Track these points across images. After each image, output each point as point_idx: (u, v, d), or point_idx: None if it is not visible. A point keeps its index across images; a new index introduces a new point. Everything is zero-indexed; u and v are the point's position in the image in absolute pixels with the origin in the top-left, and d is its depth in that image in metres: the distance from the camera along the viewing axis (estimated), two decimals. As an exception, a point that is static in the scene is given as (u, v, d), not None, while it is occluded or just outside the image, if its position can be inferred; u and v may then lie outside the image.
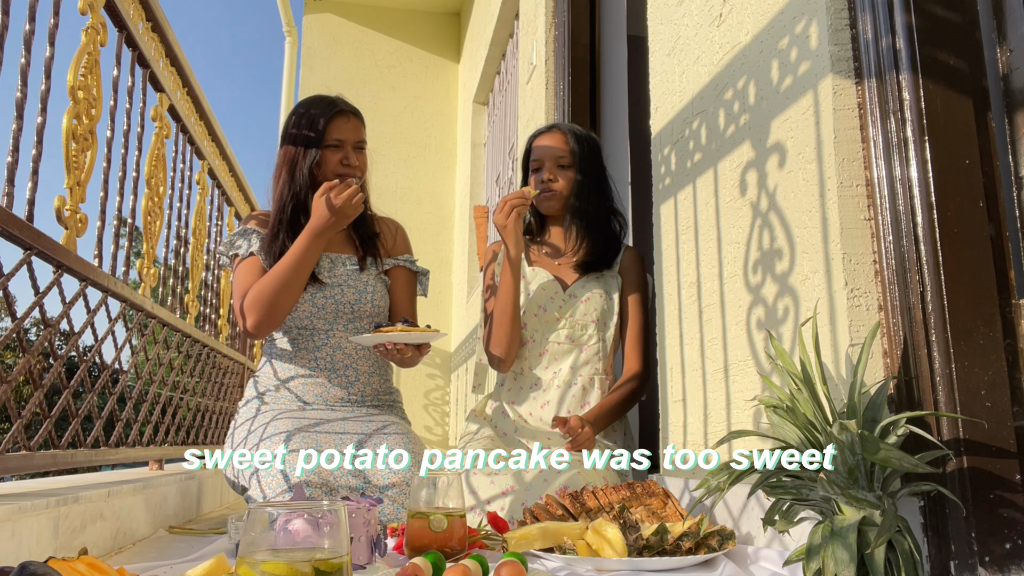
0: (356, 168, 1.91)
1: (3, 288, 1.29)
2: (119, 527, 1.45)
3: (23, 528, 1.04)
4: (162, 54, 2.15)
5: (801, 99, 1.22)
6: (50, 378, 1.48)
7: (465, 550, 1.23)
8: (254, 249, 1.87)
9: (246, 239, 1.89)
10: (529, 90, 3.44)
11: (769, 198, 1.30)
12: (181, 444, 2.38)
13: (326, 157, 1.89)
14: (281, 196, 1.88)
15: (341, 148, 1.89)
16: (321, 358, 1.86)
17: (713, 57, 1.53)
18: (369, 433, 1.73)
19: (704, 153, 1.55)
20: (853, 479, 0.89)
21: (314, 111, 1.90)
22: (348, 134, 1.90)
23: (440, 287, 5.85)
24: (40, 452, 1.42)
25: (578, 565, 1.18)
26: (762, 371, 1.28)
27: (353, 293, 1.88)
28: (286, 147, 1.90)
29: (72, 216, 1.55)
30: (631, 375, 1.93)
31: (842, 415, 0.93)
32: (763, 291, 1.30)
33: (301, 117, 1.90)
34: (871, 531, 0.86)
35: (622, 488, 1.45)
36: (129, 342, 1.92)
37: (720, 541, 1.23)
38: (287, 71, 6.34)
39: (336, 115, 1.89)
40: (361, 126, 1.95)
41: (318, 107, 1.90)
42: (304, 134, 1.89)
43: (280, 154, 1.92)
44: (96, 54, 1.63)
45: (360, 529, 1.15)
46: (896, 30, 1.07)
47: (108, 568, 0.78)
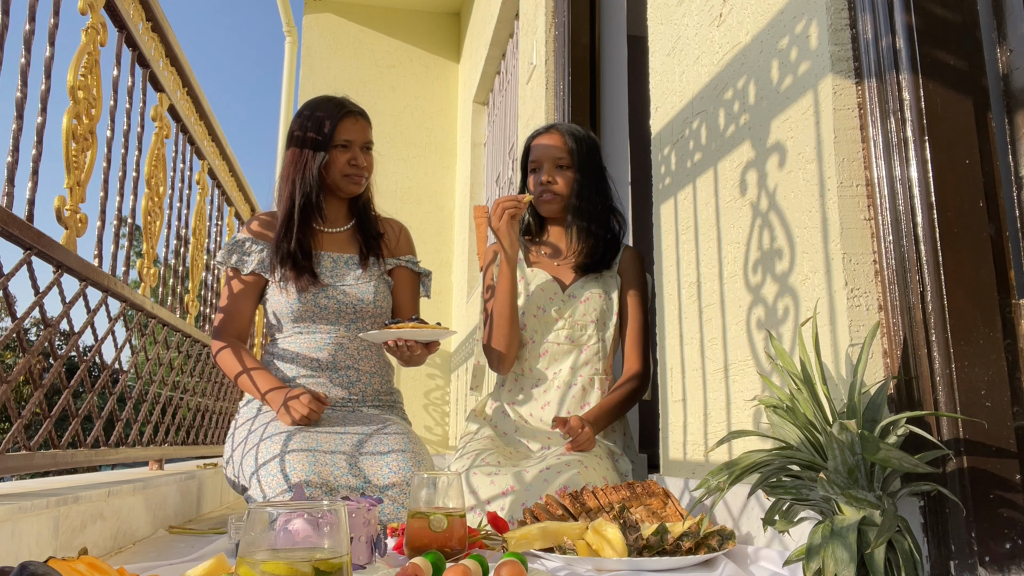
0: (364, 169, 1.92)
1: (3, 288, 1.29)
2: (119, 527, 1.44)
3: (23, 528, 1.04)
4: (162, 54, 2.15)
5: (801, 99, 1.21)
6: (50, 378, 1.48)
7: (465, 550, 1.23)
8: (255, 268, 1.89)
9: (249, 255, 1.90)
10: (529, 90, 3.44)
11: (769, 198, 1.30)
12: (181, 444, 2.38)
13: (334, 158, 1.89)
14: (290, 197, 1.89)
15: (349, 149, 1.90)
16: (323, 358, 1.86)
17: (713, 57, 1.53)
18: (369, 433, 1.73)
19: (704, 153, 1.55)
20: (853, 479, 0.89)
21: (320, 113, 1.90)
22: (356, 135, 1.91)
23: (440, 287, 5.85)
24: (40, 452, 1.42)
25: (578, 565, 1.18)
26: (762, 371, 1.28)
27: (355, 293, 1.88)
28: (293, 149, 1.91)
29: (72, 216, 1.55)
30: (631, 375, 1.93)
31: (842, 415, 0.93)
32: (763, 291, 1.30)
33: (308, 119, 1.90)
34: (871, 531, 0.86)
35: (622, 488, 1.45)
36: (129, 342, 1.92)
37: (720, 541, 1.23)
38: (287, 71, 6.34)
39: (344, 116, 1.90)
40: (368, 127, 1.96)
41: (325, 108, 1.91)
42: (312, 136, 1.89)
43: (287, 156, 1.92)
44: (96, 54, 1.63)
45: (360, 529, 1.15)
46: (896, 30, 1.07)
47: (108, 568, 0.78)
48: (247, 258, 1.90)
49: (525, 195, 1.92)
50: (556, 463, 1.65)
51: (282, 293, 1.86)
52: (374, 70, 6.12)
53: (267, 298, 1.90)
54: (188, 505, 2.12)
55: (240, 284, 1.90)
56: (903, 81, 1.06)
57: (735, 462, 0.91)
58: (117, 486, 1.44)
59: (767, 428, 1.22)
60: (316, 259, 1.89)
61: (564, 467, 1.63)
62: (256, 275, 1.90)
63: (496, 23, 4.39)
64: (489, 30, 4.64)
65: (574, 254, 2.01)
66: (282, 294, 1.86)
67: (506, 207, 1.87)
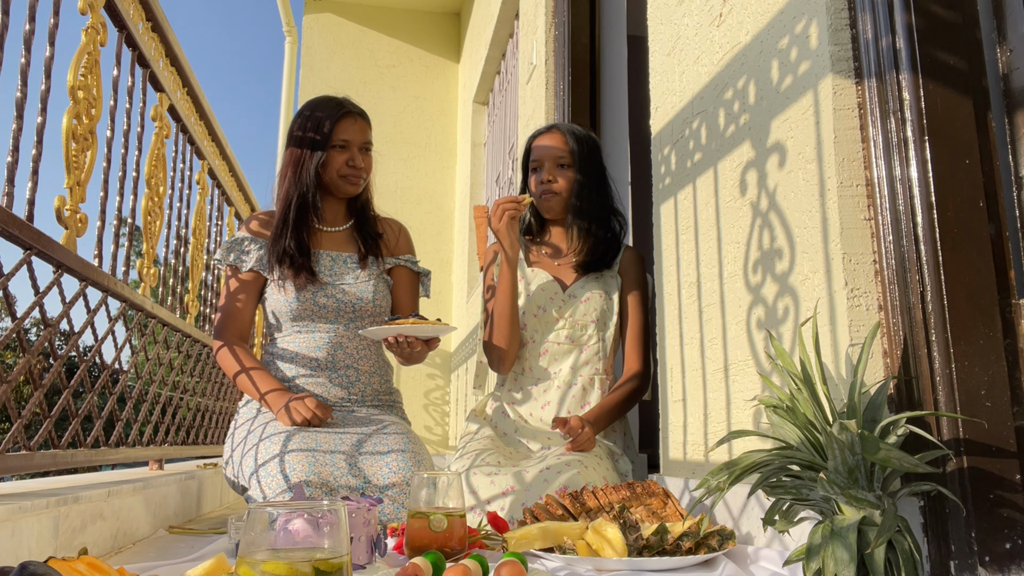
0: (362, 169, 1.93)
1: (3, 288, 1.29)
2: (119, 527, 1.44)
3: (23, 528, 1.04)
4: (162, 54, 2.15)
5: (801, 99, 1.21)
6: (50, 378, 1.48)
7: (465, 550, 1.23)
8: (253, 266, 1.89)
9: (247, 254, 1.91)
10: (529, 90, 3.44)
11: (769, 198, 1.29)
12: (181, 444, 2.38)
13: (332, 158, 1.89)
14: (287, 196, 1.89)
15: (347, 149, 1.90)
16: (322, 357, 1.86)
17: (713, 57, 1.53)
18: (369, 433, 1.72)
19: (704, 153, 1.55)
20: (853, 479, 0.89)
21: (320, 113, 1.90)
22: (354, 135, 1.91)
23: (440, 287, 5.85)
24: (40, 452, 1.41)
25: (578, 565, 1.18)
26: (762, 371, 1.28)
27: (354, 292, 1.88)
28: (292, 148, 1.91)
29: (72, 216, 1.55)
30: (631, 375, 1.93)
31: (842, 415, 0.93)
32: (763, 291, 1.30)
33: (307, 119, 1.90)
34: (871, 531, 0.86)
35: (622, 488, 1.45)
36: (129, 342, 1.92)
37: (720, 541, 1.23)
38: (287, 71, 6.34)
39: (343, 116, 1.90)
40: (367, 127, 1.96)
41: (324, 108, 1.91)
42: (310, 136, 1.89)
43: (286, 155, 1.92)
44: (96, 54, 1.63)
45: (360, 529, 1.15)
46: (896, 30, 1.07)
47: (108, 568, 0.78)
48: (245, 256, 1.90)
49: (525, 196, 1.92)
50: (556, 463, 1.65)
51: (280, 292, 1.86)
52: (374, 70, 6.12)
53: (266, 297, 1.90)
54: (188, 505, 2.12)
55: (238, 282, 1.90)
56: (903, 81, 1.06)
57: (735, 462, 0.91)
58: (117, 486, 1.44)
59: (767, 428, 1.22)
60: (315, 257, 1.89)
61: (564, 467, 1.63)
62: (255, 273, 1.90)
63: (496, 23, 4.39)
64: (489, 30, 4.64)
65: (574, 254, 2.01)
66: (280, 293, 1.86)
67: (506, 208, 1.87)
